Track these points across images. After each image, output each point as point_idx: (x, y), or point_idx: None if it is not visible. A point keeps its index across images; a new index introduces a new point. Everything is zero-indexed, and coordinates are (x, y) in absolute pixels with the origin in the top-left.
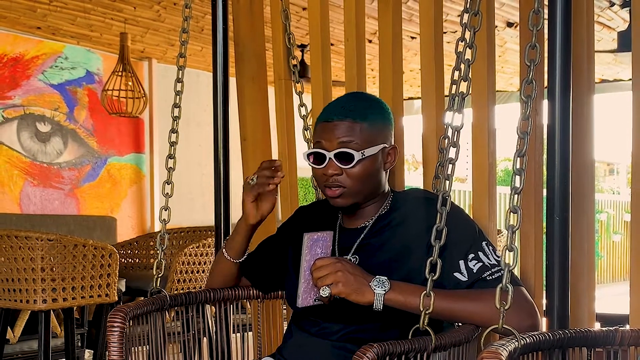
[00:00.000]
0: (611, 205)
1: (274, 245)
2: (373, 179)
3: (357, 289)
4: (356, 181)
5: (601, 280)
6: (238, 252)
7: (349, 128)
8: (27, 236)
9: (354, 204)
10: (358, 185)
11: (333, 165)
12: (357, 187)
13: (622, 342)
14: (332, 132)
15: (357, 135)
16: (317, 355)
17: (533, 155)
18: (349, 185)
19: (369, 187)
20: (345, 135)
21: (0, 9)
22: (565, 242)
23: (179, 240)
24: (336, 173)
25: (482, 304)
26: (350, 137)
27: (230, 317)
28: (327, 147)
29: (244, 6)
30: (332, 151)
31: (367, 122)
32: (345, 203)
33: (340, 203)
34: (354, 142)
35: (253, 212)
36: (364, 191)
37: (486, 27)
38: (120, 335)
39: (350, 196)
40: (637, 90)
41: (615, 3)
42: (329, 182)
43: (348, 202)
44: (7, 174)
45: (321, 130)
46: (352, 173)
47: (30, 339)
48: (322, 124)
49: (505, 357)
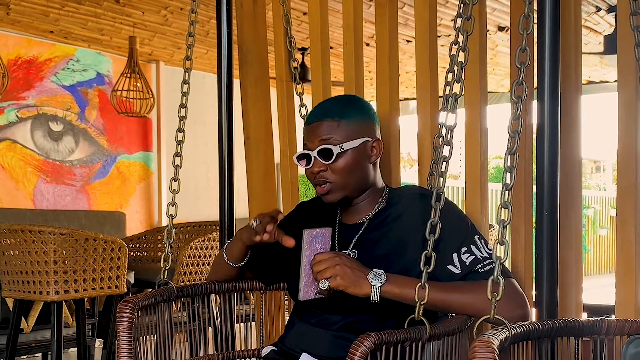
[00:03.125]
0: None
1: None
2: (358, 172)
3: (354, 281)
4: (340, 175)
5: (588, 272)
6: (237, 258)
7: (328, 126)
8: (41, 230)
9: (344, 198)
10: (342, 178)
11: (317, 163)
12: (342, 180)
13: (608, 332)
14: (313, 133)
15: (336, 131)
16: (318, 344)
17: (523, 153)
18: (334, 179)
19: (354, 179)
20: (325, 134)
21: (15, 14)
22: (553, 236)
23: (185, 235)
24: (321, 170)
25: (474, 295)
26: (329, 135)
27: (235, 308)
28: (310, 147)
29: (247, 11)
30: (315, 150)
31: (345, 119)
32: (334, 198)
33: (330, 199)
34: (333, 139)
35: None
36: (350, 184)
37: (478, 31)
38: (129, 325)
39: (337, 190)
40: (622, 91)
41: (602, 8)
42: (316, 179)
43: (337, 196)
44: (21, 171)
45: (305, 133)
46: (335, 167)
47: (43, 329)
48: (306, 128)
49: (497, 346)
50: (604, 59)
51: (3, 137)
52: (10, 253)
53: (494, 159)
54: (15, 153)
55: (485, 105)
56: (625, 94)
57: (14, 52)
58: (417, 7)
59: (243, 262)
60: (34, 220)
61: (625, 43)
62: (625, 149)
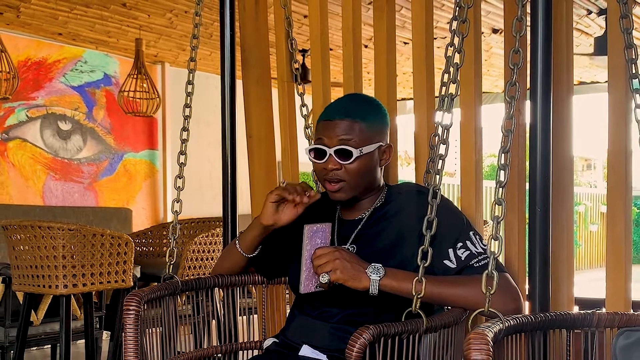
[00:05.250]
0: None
1: (277, 235)
2: (370, 175)
3: (353, 275)
4: (354, 176)
5: (579, 267)
6: (249, 247)
7: (349, 127)
8: (50, 226)
9: (352, 198)
10: (356, 180)
11: (333, 161)
12: (355, 182)
13: (598, 324)
14: (332, 130)
15: (356, 133)
16: (318, 336)
17: (516, 152)
18: (347, 179)
19: (365, 182)
20: (345, 134)
21: (25, 17)
22: (546, 231)
23: (190, 230)
24: (336, 168)
25: (469, 289)
26: (349, 135)
27: (237, 301)
28: (328, 143)
29: (249, 14)
30: (333, 147)
31: (365, 122)
32: (344, 197)
33: (339, 197)
34: (353, 140)
35: (269, 212)
36: (361, 186)
37: (473, 33)
38: (136, 318)
39: (348, 190)
40: (612, 92)
41: (592, 11)
42: (329, 176)
43: (347, 196)
44: (31, 169)
45: (323, 128)
46: (350, 169)
47: (52, 321)
48: (324, 122)
49: (491, 338)
50: (595, 60)
51: (13, 136)
52: (20, 248)
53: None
54: (25, 151)
55: (480, 105)
56: (615, 94)
57: (24, 53)
58: (414, 10)
59: (255, 253)
60: (43, 216)
61: (615, 45)
62: (615, 147)
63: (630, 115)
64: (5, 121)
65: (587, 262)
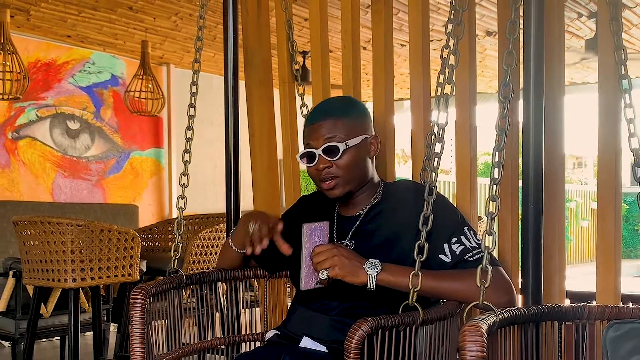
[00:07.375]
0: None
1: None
2: (361, 166)
3: (351, 271)
4: (346, 170)
5: (571, 261)
6: (242, 244)
7: (332, 125)
8: (59, 222)
9: (349, 192)
10: (349, 173)
11: (322, 160)
12: (348, 175)
13: (589, 317)
14: (317, 132)
15: (340, 129)
16: (318, 329)
17: (510, 150)
18: (340, 174)
19: (358, 174)
20: (329, 132)
21: (35, 20)
22: (538, 227)
23: (194, 226)
24: (326, 166)
25: (464, 283)
26: (333, 133)
27: (240, 295)
28: (315, 145)
29: (252, 17)
30: (320, 148)
31: (347, 117)
32: (340, 193)
33: (335, 194)
34: (337, 137)
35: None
36: (354, 178)
37: (468, 35)
38: (142, 310)
39: (343, 185)
40: (602, 92)
41: (583, 14)
42: (322, 175)
43: (343, 190)
44: (40, 167)
45: (308, 132)
46: (340, 163)
47: (61, 314)
48: (309, 127)
49: (485, 330)
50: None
51: (24, 135)
52: (30, 243)
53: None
54: (35, 150)
55: (475, 105)
56: (605, 94)
57: (34, 55)
58: (411, 13)
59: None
60: (52, 212)
61: (605, 47)
62: (605, 146)
63: (620, 115)
64: (16, 120)
65: (578, 256)
